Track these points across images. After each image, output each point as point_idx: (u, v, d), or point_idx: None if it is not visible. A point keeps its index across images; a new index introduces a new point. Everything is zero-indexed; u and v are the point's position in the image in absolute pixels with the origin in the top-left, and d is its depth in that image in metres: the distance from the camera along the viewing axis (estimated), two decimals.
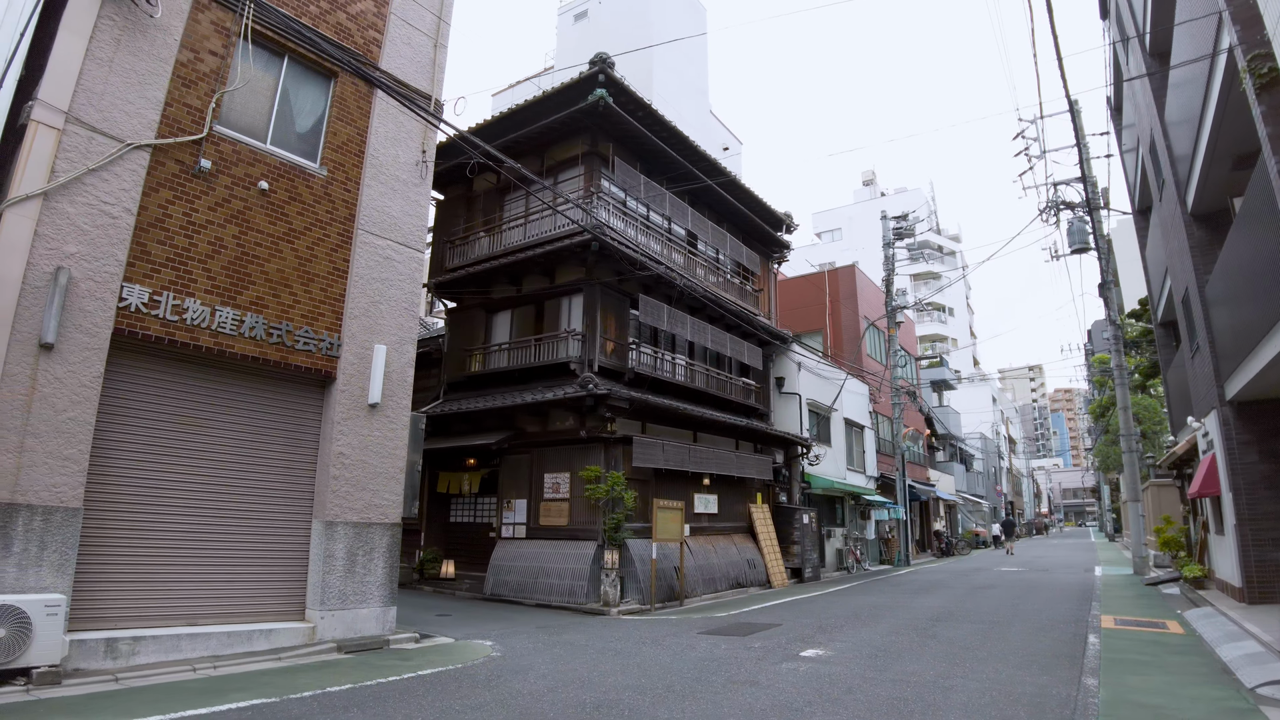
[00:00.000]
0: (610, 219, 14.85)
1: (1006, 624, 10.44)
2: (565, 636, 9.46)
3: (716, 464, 16.24)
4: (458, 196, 18.06)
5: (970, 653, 8.16)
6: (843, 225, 59.76)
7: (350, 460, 9.07)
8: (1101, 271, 18.19)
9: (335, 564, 8.77)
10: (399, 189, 10.23)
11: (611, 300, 15.17)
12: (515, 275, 15.94)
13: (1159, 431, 32.48)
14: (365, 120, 10.14)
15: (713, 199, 18.75)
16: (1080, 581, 17.74)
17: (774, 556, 17.67)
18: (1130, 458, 19.35)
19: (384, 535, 9.27)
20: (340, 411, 9.09)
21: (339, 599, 8.73)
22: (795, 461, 20.48)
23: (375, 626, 8.99)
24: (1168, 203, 13.50)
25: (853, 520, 24.51)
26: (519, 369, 15.23)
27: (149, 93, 8.13)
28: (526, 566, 13.76)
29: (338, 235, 9.55)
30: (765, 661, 7.64)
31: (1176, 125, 12.24)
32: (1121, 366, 18.90)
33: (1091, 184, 18.23)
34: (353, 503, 9.02)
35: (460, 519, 16.34)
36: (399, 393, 9.68)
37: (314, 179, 9.45)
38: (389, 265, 9.90)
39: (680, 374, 16.68)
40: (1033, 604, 13.06)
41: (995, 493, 51.54)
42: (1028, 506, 74.41)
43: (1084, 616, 11.16)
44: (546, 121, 15.30)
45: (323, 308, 9.25)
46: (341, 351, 9.25)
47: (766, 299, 21.31)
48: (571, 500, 13.78)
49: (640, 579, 13.09)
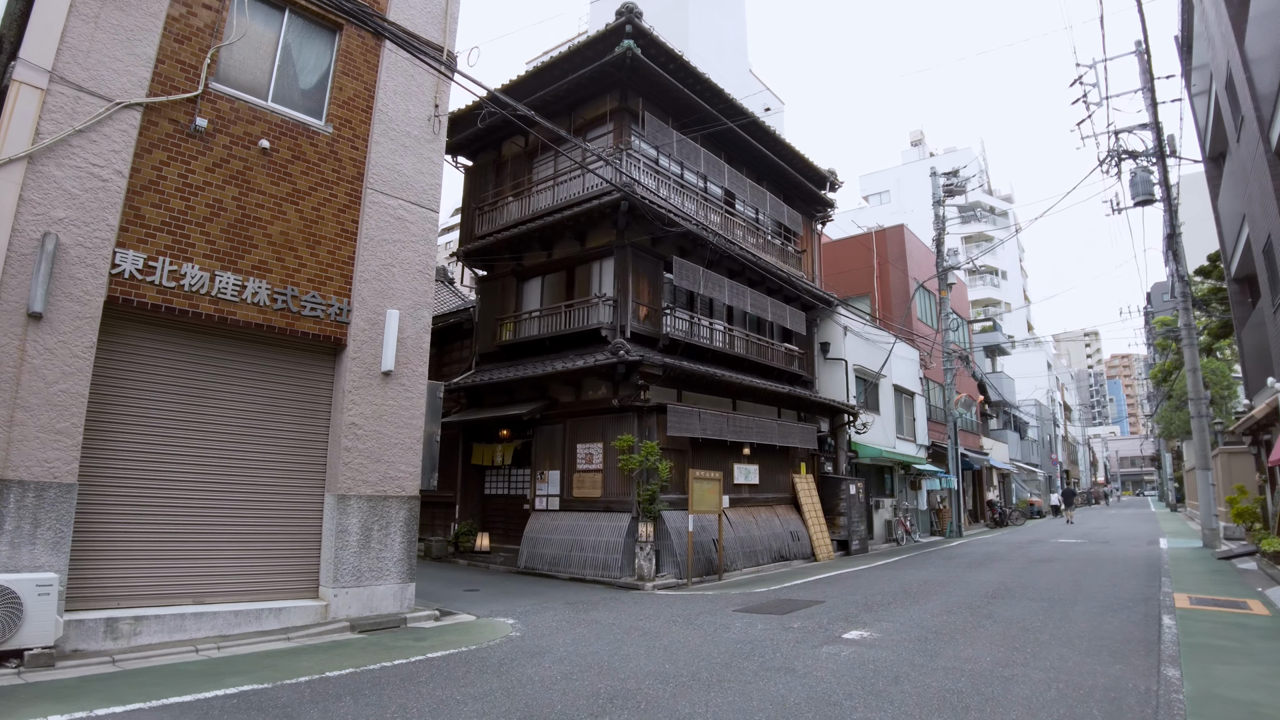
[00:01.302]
0: (641, 177, 14.12)
1: (1069, 602, 9.62)
2: (593, 614, 8.98)
3: (757, 433, 15.54)
4: (488, 163, 17.49)
5: (1031, 635, 7.41)
6: (890, 187, 57.77)
7: (363, 431, 8.65)
8: (1170, 223, 16.78)
9: (349, 540, 8.39)
10: (410, 145, 9.67)
11: (645, 264, 14.49)
12: (546, 240, 15.35)
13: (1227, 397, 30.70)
14: (373, 74, 9.58)
15: (751, 156, 17.84)
16: (1146, 555, 16.65)
17: (819, 528, 16.98)
18: (1200, 423, 18.03)
19: (401, 509, 8.87)
20: (351, 380, 8.65)
21: (353, 576, 8.37)
22: (841, 430, 19.64)
23: (392, 604, 8.62)
24: (1246, 144, 12.21)
25: (902, 490, 23.60)
26: (550, 336, 14.69)
27: (139, 49, 7.69)
28: (560, 540, 13.34)
29: (345, 195, 9.06)
30: (804, 645, 7.02)
31: (1260, 61, 10.99)
32: (1190, 326, 17.50)
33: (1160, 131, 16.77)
34: (367, 475, 8.62)
35: (495, 491, 16.00)
36: (414, 360, 9.21)
37: (319, 137, 8.95)
38: (401, 226, 9.38)
39: (719, 340, 15.95)
40: (1097, 579, 12.16)
41: (1050, 461, 49.67)
42: (1084, 475, 71.92)
43: (1154, 594, 10.25)
44: (574, 78, 14.58)
45: (331, 271, 8.79)
46: (352, 317, 8.79)
47: (809, 260, 20.36)
48: (605, 471, 13.27)
49: (676, 552, 12.56)
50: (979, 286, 56.88)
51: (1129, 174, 17.15)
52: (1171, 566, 14.11)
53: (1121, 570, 13.67)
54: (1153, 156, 16.82)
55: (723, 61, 30.72)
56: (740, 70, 32.97)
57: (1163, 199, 16.77)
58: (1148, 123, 16.98)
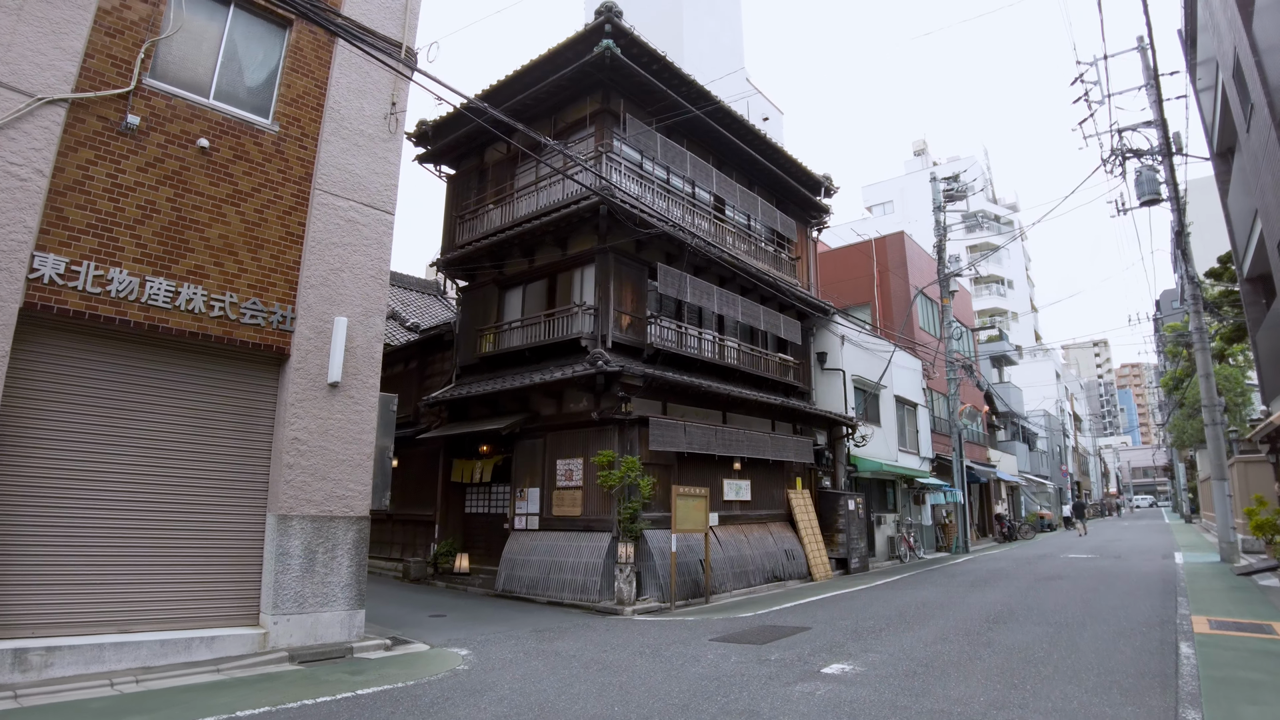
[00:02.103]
0: (622, 180, 13.57)
1: (1077, 627, 8.88)
2: (557, 644, 8.31)
3: (749, 446, 14.87)
4: (470, 170, 17.01)
5: (1033, 668, 6.71)
6: (894, 197, 57.21)
7: (307, 446, 8.06)
8: (1178, 221, 16.06)
9: (291, 563, 7.78)
10: (364, 145, 9.15)
11: (629, 271, 13.91)
12: (527, 247, 14.80)
13: (1241, 404, 29.82)
14: (325, 71, 9.08)
15: (742, 161, 17.28)
16: (1160, 571, 15.82)
17: (815, 546, 16.25)
18: (1215, 431, 17.22)
19: (349, 530, 8.26)
20: (295, 392, 8.08)
21: (295, 602, 7.75)
22: (840, 443, 18.93)
23: (338, 632, 7.99)
24: (1257, 133, 11.56)
25: (906, 505, 22.81)
26: (530, 347, 14.10)
27: (65, 43, 7.23)
28: (539, 561, 12.69)
29: (292, 197, 8.53)
30: (776, 681, 6.34)
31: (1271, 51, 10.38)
32: (1202, 329, 16.73)
33: (1164, 127, 16.12)
34: (311, 494, 8.02)
35: (476, 509, 15.38)
36: (365, 370, 8.63)
37: (264, 135, 8.44)
38: (352, 229, 8.84)
39: (708, 349, 15.33)
40: (1108, 599, 11.40)
41: (1060, 473, 48.53)
42: (1095, 486, 70.56)
43: (1170, 617, 9.49)
44: (555, 80, 14.06)
45: (274, 277, 8.24)
46: (296, 325, 8.23)
47: (805, 268, 19.74)
48: (585, 488, 12.63)
49: (659, 574, 11.88)
50: (985, 296, 56.03)
51: (1134, 173, 16.49)
52: (1188, 584, 13.31)
53: (1134, 588, 12.88)
54: (1158, 154, 16.17)
55: (718, 69, 30.36)
56: (737, 78, 32.58)
57: (1170, 197, 16.10)
58: (1152, 120, 16.36)
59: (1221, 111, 14.58)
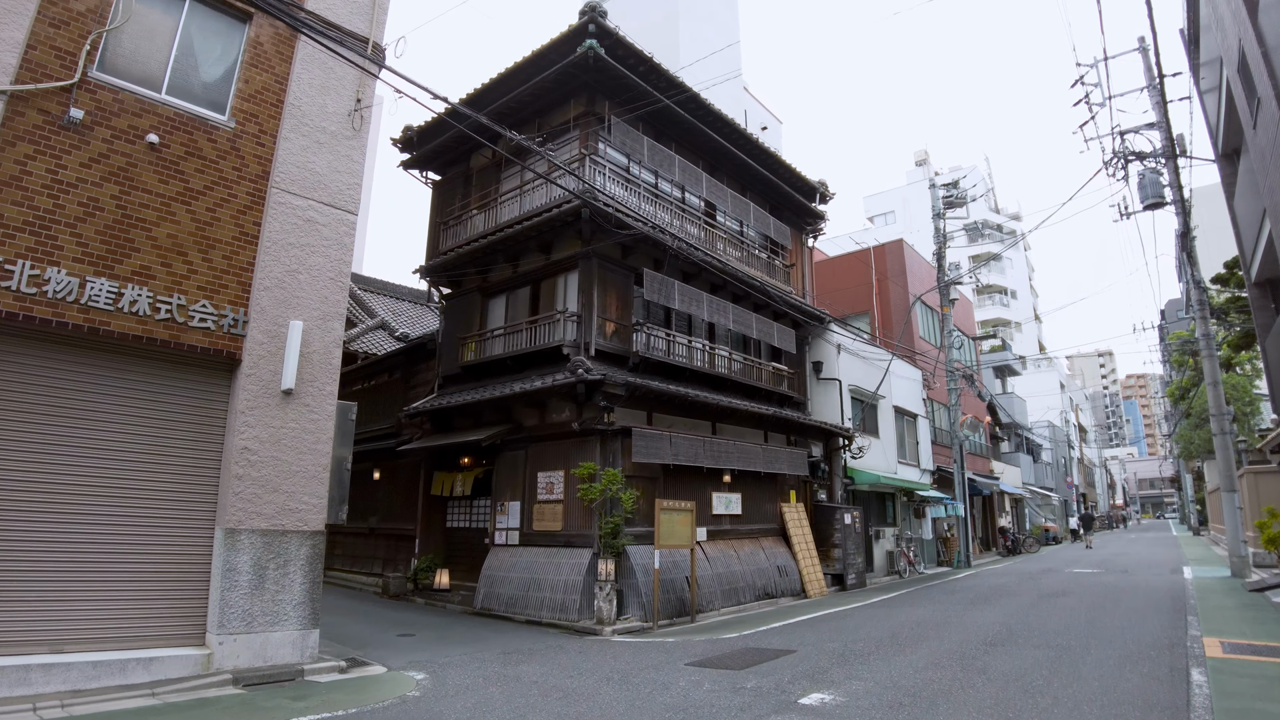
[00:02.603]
0: (606, 183, 13.17)
1: (1080, 651, 8.34)
2: (522, 668, 7.82)
3: (739, 458, 14.37)
4: (456, 176, 16.65)
5: (1030, 700, 6.19)
6: (896, 208, 56.86)
7: (258, 456, 7.62)
8: (1183, 223, 15.57)
9: (238, 579, 7.34)
10: (326, 142, 8.77)
11: (614, 277, 13.49)
12: (511, 254, 14.39)
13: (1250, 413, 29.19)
14: (286, 66, 8.72)
15: (734, 166, 16.89)
16: (1169, 586, 15.22)
17: (810, 562, 15.71)
18: (1223, 440, 16.65)
19: (302, 545, 7.80)
20: (245, 399, 7.66)
21: (243, 621, 7.30)
22: (836, 454, 18.42)
23: (290, 653, 7.53)
24: (1264, 128, 11.08)
25: (906, 518, 22.23)
26: (512, 356, 13.67)
27: (5, 33, 6.94)
28: (518, 578, 12.20)
29: (247, 195, 8.14)
30: (747, 713, 5.84)
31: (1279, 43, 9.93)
32: (1208, 335, 16.18)
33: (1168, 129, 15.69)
34: (261, 507, 7.58)
35: (457, 524, 14.90)
36: (321, 377, 8.21)
37: (219, 132, 8.07)
38: (311, 229, 8.44)
39: (698, 358, 14.86)
40: (1113, 619, 10.84)
41: (1066, 484, 47.74)
42: (1101, 498, 69.62)
43: (1180, 639, 8.93)
44: (539, 83, 13.69)
45: (226, 278, 7.84)
46: (248, 329, 7.83)
47: (800, 275, 19.29)
48: (566, 502, 12.15)
49: (642, 592, 11.37)
50: (988, 306, 55.50)
51: (1137, 176, 16.03)
52: (1198, 601, 12.71)
53: (1142, 605, 12.31)
54: (1161, 157, 15.72)
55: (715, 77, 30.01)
56: (734, 86, 32.25)
57: (1174, 200, 15.62)
58: (1155, 122, 15.92)
59: (1227, 111, 14.11)
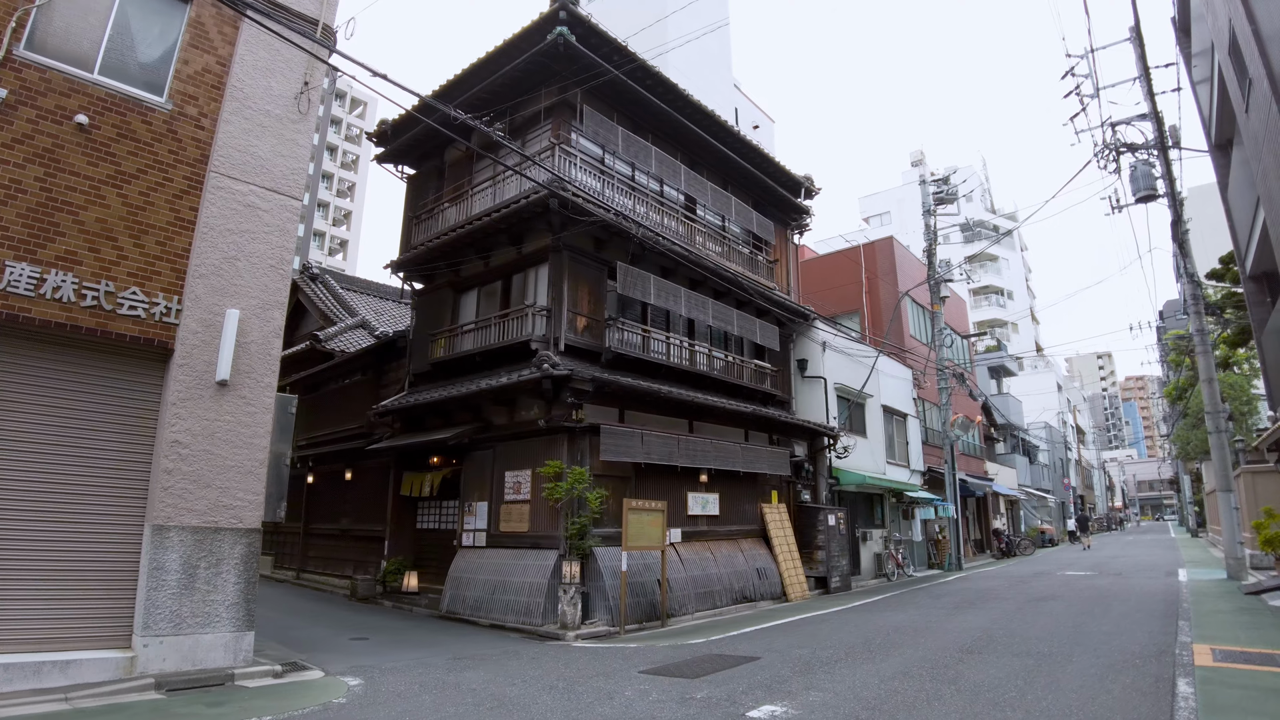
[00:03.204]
0: (577, 174, 12.80)
1: (1062, 659, 7.89)
2: (466, 674, 7.43)
3: (716, 457, 13.98)
4: (430, 170, 16.30)
5: (1000, 713, 5.76)
6: (891, 208, 56.53)
7: (190, 450, 7.25)
8: (1173, 210, 15.15)
9: (166, 579, 6.97)
10: (270, 125, 8.40)
11: (586, 271, 13.12)
12: (482, 248, 14.01)
13: (1248, 413, 28.74)
14: (229, 48, 8.36)
15: (715, 159, 16.52)
16: (1162, 590, 14.79)
17: (791, 564, 15.30)
18: (1219, 439, 16.22)
19: (236, 544, 7.43)
20: (177, 390, 7.29)
21: (171, 623, 6.92)
22: (821, 454, 18.02)
23: (222, 656, 7.15)
24: (1256, 111, 10.70)
25: (895, 520, 21.83)
26: (481, 352, 13.29)
27: None
28: (485, 580, 11.81)
29: (184, 179, 7.78)
30: None
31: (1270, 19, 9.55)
32: (1203, 330, 15.76)
33: (1159, 120, 15.32)
34: (192, 503, 7.21)
35: (427, 525, 14.51)
36: (260, 368, 7.83)
37: (155, 114, 7.71)
38: (252, 214, 8.07)
39: (676, 355, 14.47)
40: (1101, 624, 10.41)
41: (1063, 486, 47.26)
42: (1100, 500, 69.10)
43: (1169, 646, 8.46)
44: (508, 71, 13.32)
45: (159, 265, 7.47)
46: (182, 317, 7.46)
47: (784, 271, 18.90)
48: (534, 502, 11.76)
49: (609, 595, 10.97)
50: (984, 307, 55.07)
51: (1129, 168, 15.65)
52: (1192, 605, 12.26)
53: (1133, 610, 11.88)
54: (1153, 148, 15.34)
55: (706, 74, 29.65)
56: (724, 85, 31.90)
57: (1166, 194, 15.22)
58: (1146, 113, 15.56)
59: (1219, 99, 13.73)
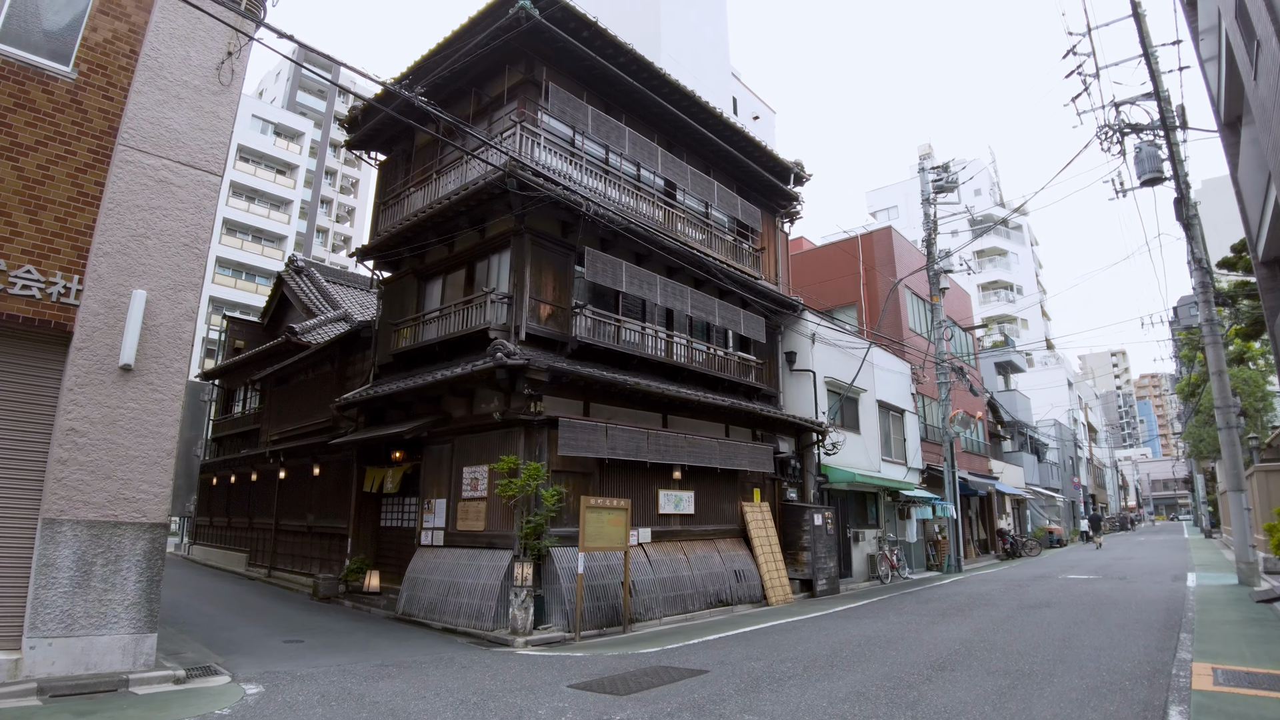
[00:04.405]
0: (541, 154, 12.21)
1: (1042, 679, 7.13)
2: (379, 685, 6.89)
3: (691, 453, 13.37)
4: (399, 155, 15.77)
5: None
6: (899, 202, 55.63)
7: (87, 439, 6.75)
8: (1178, 188, 14.32)
9: (57, 576, 6.48)
10: (187, 97, 7.87)
11: (551, 256, 12.54)
12: (445, 232, 13.46)
13: (1262, 409, 27.79)
14: (144, 14, 7.84)
15: (695, 141, 15.88)
16: (1167, 595, 14.00)
17: (773, 566, 14.67)
18: (1230, 435, 15.39)
19: (138, 540, 6.92)
20: (75, 375, 6.79)
21: (61, 623, 6.43)
22: (809, 451, 17.38)
23: (119, 660, 6.66)
24: (1265, 77, 9.90)
25: (890, 520, 21.13)
26: (442, 341, 12.75)
27: None
28: (439, 581, 11.28)
29: (89, 152, 7.25)
30: None
31: None
32: (1212, 320, 14.93)
33: (1164, 98, 14.54)
34: (89, 495, 6.71)
35: (390, 523, 14.00)
36: (169, 352, 7.31)
37: (55, 83, 7.18)
38: (164, 190, 7.54)
39: (651, 346, 13.86)
40: (1093, 636, 9.66)
41: (1073, 485, 46.20)
42: (1112, 500, 67.82)
43: (1165, 664, 7.60)
44: (472, 49, 12.66)
45: (58, 242, 6.96)
46: (83, 298, 6.93)
47: (772, 260, 18.24)
48: (489, 500, 11.21)
49: (566, 599, 10.38)
50: (993, 302, 54.04)
51: (1134, 149, 14.86)
52: (1198, 614, 11.41)
53: (1131, 620, 11.09)
54: (1158, 129, 14.55)
55: (700, 63, 29.02)
56: (721, 72, 31.24)
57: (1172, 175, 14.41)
58: (1150, 92, 14.78)
59: (1228, 73, 12.93)
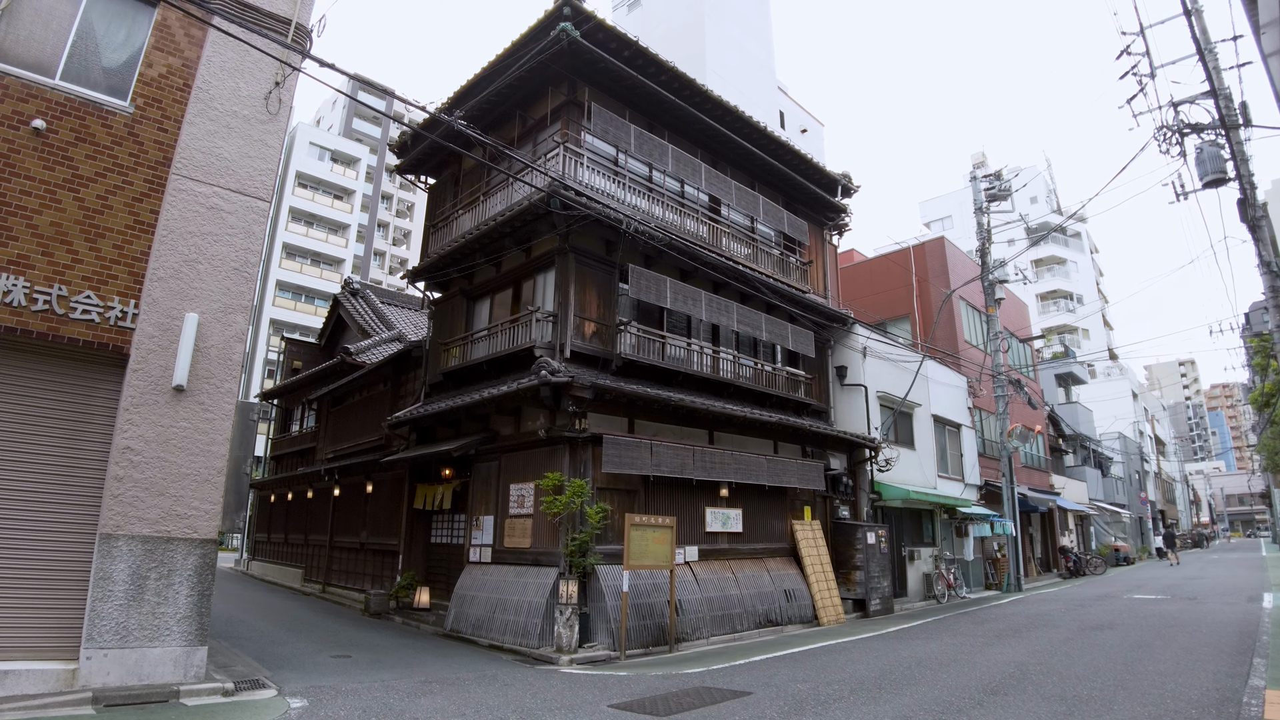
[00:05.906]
0: (584, 174, 12.29)
1: (1101, 705, 6.75)
2: (421, 701, 6.92)
3: (738, 470, 13.19)
4: (448, 178, 16.11)
5: None
6: (953, 212, 54.49)
7: (142, 457, 6.99)
8: (1241, 189, 13.60)
9: (113, 589, 6.70)
10: (237, 127, 8.15)
11: (595, 274, 12.57)
12: (492, 253, 13.64)
13: None
14: (196, 49, 8.16)
15: (740, 156, 15.78)
16: (1240, 618, 13.18)
17: (824, 586, 14.33)
18: None
19: (189, 554, 7.11)
20: (131, 396, 7.05)
21: (117, 635, 6.64)
22: (861, 468, 16.99)
23: (170, 671, 6.84)
24: None
25: (947, 537, 20.49)
26: (489, 360, 12.88)
27: None
28: (487, 598, 11.32)
29: (145, 182, 7.56)
30: None
31: None
32: None
33: (1225, 96, 13.88)
34: (144, 511, 6.93)
35: (440, 539, 14.14)
36: (220, 373, 7.53)
37: (115, 117, 7.52)
38: (215, 217, 7.80)
39: (697, 362, 13.75)
40: (1158, 661, 9.14)
41: (1140, 500, 44.14)
42: (1183, 515, 64.59)
43: (1236, 691, 7.07)
44: (515, 73, 12.92)
45: (115, 268, 7.25)
46: (138, 322, 7.20)
47: (820, 273, 17.98)
48: (535, 517, 11.23)
49: (612, 617, 10.31)
50: (1052, 312, 52.30)
51: (1194, 150, 14.21)
52: (1272, 638, 10.76)
53: (1200, 644, 10.50)
54: (1218, 128, 13.90)
55: (746, 79, 28.94)
56: (767, 87, 31.11)
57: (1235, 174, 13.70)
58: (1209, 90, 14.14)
59: None
